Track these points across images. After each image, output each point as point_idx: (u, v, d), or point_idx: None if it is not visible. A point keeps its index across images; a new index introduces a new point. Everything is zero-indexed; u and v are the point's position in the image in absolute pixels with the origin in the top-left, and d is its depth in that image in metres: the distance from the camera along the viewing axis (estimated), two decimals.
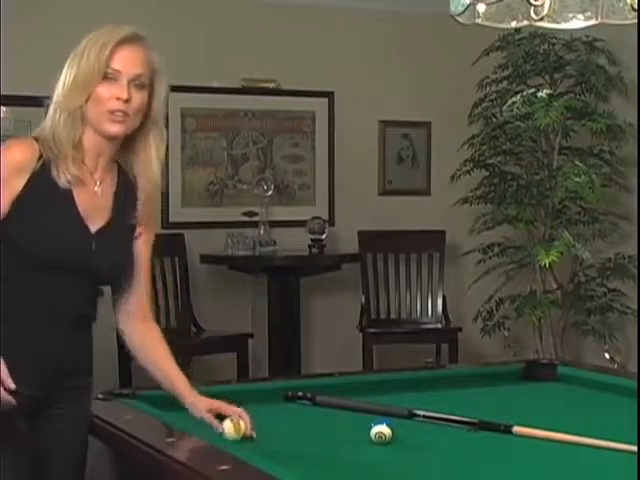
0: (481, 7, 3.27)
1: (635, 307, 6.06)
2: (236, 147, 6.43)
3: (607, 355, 6.12)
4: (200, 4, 6.25)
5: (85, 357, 2.52)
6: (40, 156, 2.40)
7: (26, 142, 2.44)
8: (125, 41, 2.44)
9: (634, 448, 2.36)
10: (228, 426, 2.44)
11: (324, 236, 6.29)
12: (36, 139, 2.43)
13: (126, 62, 2.43)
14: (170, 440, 2.40)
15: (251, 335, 6.02)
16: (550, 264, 5.79)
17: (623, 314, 6.20)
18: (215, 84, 6.27)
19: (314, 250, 6.27)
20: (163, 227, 6.17)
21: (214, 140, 6.36)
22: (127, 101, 2.40)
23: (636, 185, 6.08)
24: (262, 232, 6.26)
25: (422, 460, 2.46)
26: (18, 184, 2.36)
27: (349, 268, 6.37)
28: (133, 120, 2.44)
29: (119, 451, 2.50)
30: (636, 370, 4.84)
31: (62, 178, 2.39)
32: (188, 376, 2.61)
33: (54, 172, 2.39)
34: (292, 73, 6.44)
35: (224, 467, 2.15)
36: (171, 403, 2.74)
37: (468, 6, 3.28)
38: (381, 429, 2.51)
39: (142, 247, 2.56)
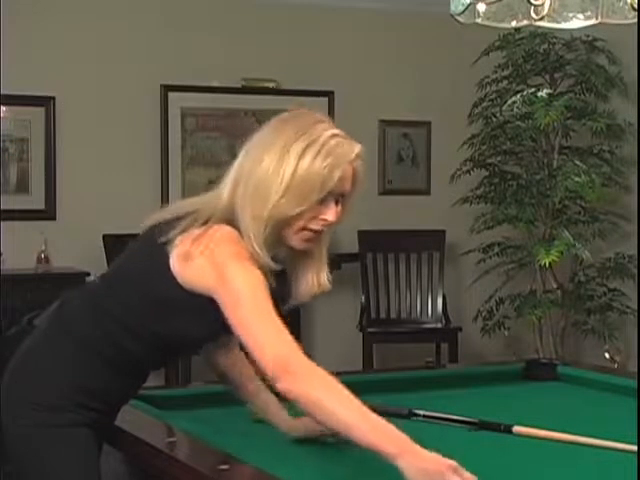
0: (481, 7, 3.27)
1: (635, 307, 6.06)
2: (236, 147, 6.42)
3: (607, 355, 6.12)
4: (200, 4, 6.25)
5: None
6: None
7: (244, 246, 2.15)
8: (354, 161, 2.22)
9: (634, 448, 2.36)
10: None
11: None
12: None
13: (345, 182, 2.21)
14: (170, 440, 2.40)
15: None
16: (550, 264, 5.79)
17: (623, 314, 6.20)
18: (215, 84, 6.27)
19: None
20: None
21: (214, 140, 6.36)
22: (332, 223, 2.21)
23: (636, 185, 6.08)
24: None
25: None
26: None
27: (349, 268, 6.37)
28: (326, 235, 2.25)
29: (120, 451, 2.50)
30: (636, 370, 4.84)
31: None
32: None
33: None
34: (292, 73, 6.44)
35: (224, 467, 2.16)
36: (171, 403, 2.75)
37: (468, 6, 3.28)
38: None
39: None
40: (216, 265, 2.13)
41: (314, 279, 2.30)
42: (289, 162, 2.15)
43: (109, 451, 2.52)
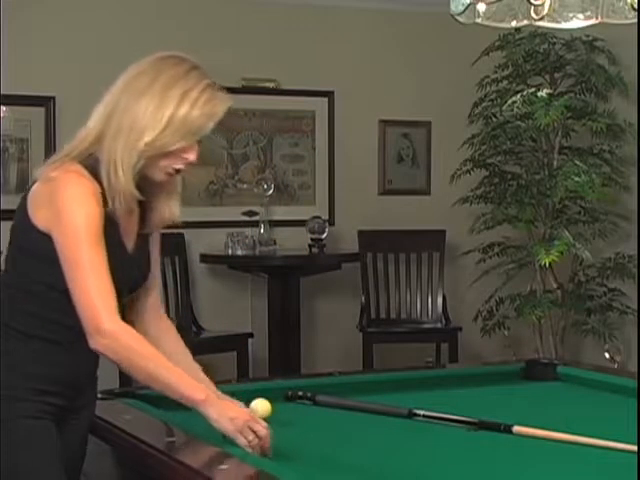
0: (481, 6, 3.28)
1: (635, 307, 6.05)
2: (236, 147, 6.43)
3: (607, 355, 6.12)
4: (200, 4, 6.25)
5: (97, 365, 2.54)
6: (101, 190, 2.32)
7: (87, 179, 2.30)
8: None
9: (634, 448, 2.36)
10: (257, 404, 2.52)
11: (324, 236, 6.28)
12: (86, 166, 2.32)
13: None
14: (170, 440, 2.40)
15: (251, 335, 6.02)
16: (550, 264, 5.79)
17: (623, 314, 6.20)
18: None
19: (314, 250, 6.27)
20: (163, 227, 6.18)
21: (214, 140, 6.36)
22: (191, 162, 2.38)
23: (636, 185, 6.08)
24: (262, 232, 6.26)
25: (422, 460, 2.46)
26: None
27: (349, 268, 6.37)
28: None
29: (119, 451, 2.50)
30: (636, 370, 4.84)
31: (119, 210, 2.34)
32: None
33: (112, 203, 2.33)
34: (292, 73, 6.44)
35: (224, 467, 2.15)
36: (171, 403, 2.74)
37: (468, 5, 3.28)
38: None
39: (154, 247, 2.58)
40: (55, 208, 2.26)
41: (166, 209, 2.47)
42: (168, 106, 2.31)
43: (106, 451, 2.52)
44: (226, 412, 2.31)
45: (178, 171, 2.39)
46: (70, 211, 2.26)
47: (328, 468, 2.36)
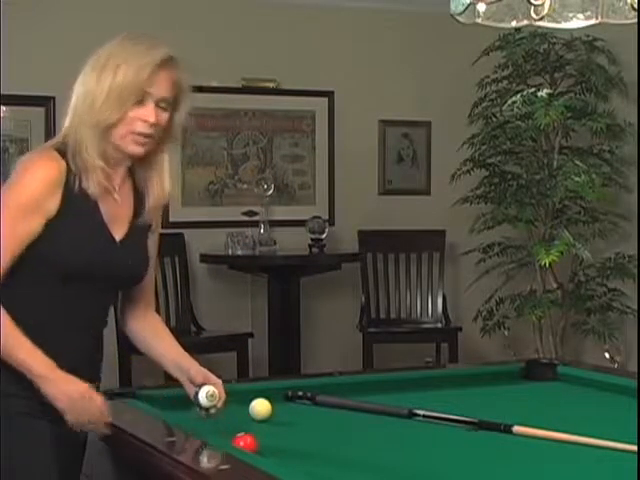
0: (481, 6, 3.27)
1: (635, 307, 6.06)
2: (236, 147, 6.43)
3: (607, 355, 6.12)
4: (200, 4, 6.25)
5: (100, 361, 2.56)
6: (67, 169, 2.37)
7: (51, 156, 2.37)
8: (163, 64, 2.41)
9: (634, 448, 2.36)
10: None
11: (324, 236, 6.28)
12: (57, 150, 2.39)
13: (160, 86, 2.41)
14: (170, 440, 2.40)
15: (251, 335, 6.02)
16: (550, 264, 5.79)
17: (623, 314, 6.20)
18: (215, 84, 6.27)
19: (314, 250, 6.27)
20: (163, 227, 6.14)
21: (214, 140, 6.37)
22: (154, 124, 2.41)
23: (636, 185, 6.08)
24: (262, 232, 6.26)
25: (422, 460, 2.46)
26: (53, 205, 2.35)
27: (349, 268, 6.37)
28: (156, 140, 2.45)
29: (119, 451, 2.50)
30: (636, 370, 4.84)
31: (92, 189, 2.39)
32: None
33: (84, 184, 2.38)
34: (292, 73, 6.45)
35: (224, 467, 2.15)
36: (171, 403, 2.75)
37: (468, 5, 3.28)
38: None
39: (152, 247, 2.61)
40: (14, 177, 2.37)
41: (158, 187, 2.53)
42: (108, 73, 2.40)
43: (106, 450, 2.52)
44: (62, 387, 2.30)
45: (149, 136, 2.41)
46: (15, 184, 2.35)
47: (328, 468, 2.36)
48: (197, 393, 2.50)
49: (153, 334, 2.64)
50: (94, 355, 2.53)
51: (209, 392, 2.50)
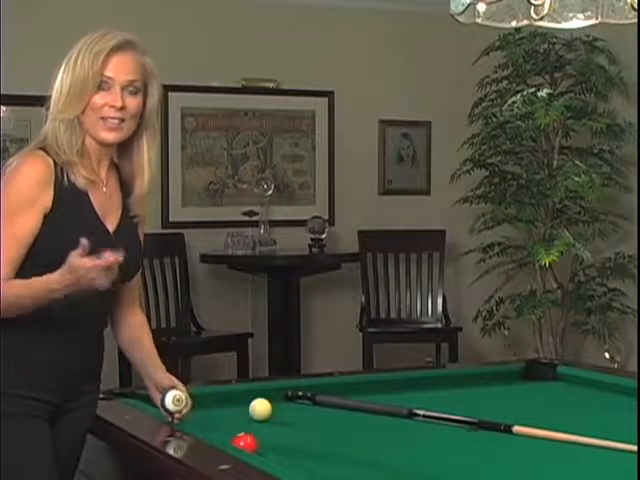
0: (481, 6, 3.27)
1: (635, 307, 6.06)
2: (236, 147, 6.43)
3: (607, 355, 6.12)
4: (200, 4, 6.25)
5: (100, 362, 2.57)
6: (54, 165, 2.41)
7: (37, 154, 2.42)
8: (117, 48, 2.45)
9: (634, 448, 2.36)
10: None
11: (324, 236, 6.28)
12: (42, 149, 2.44)
13: (119, 69, 2.45)
14: (170, 440, 2.40)
15: (251, 335, 6.02)
16: (550, 264, 5.79)
17: (623, 314, 6.20)
18: (215, 84, 6.27)
19: (314, 250, 6.26)
20: (163, 227, 6.18)
21: (214, 140, 6.36)
22: (122, 108, 2.44)
23: (636, 185, 6.08)
24: (262, 232, 6.26)
25: (422, 460, 2.46)
26: (47, 199, 2.38)
27: (349, 268, 6.37)
28: (129, 126, 2.48)
29: (119, 451, 2.50)
30: (636, 370, 4.84)
31: (79, 181, 2.42)
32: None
33: (72, 176, 2.42)
34: (292, 73, 6.44)
35: (224, 467, 2.15)
36: None
37: (468, 5, 3.28)
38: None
39: (141, 239, 2.62)
40: (4, 183, 2.41)
41: (141, 180, 2.54)
42: (70, 67, 2.48)
43: (106, 450, 2.52)
44: (57, 278, 2.28)
45: (119, 120, 2.44)
46: (7, 187, 2.38)
47: (328, 468, 2.36)
48: (164, 397, 2.52)
49: (133, 336, 2.67)
50: (96, 356, 2.53)
51: (176, 397, 2.53)
